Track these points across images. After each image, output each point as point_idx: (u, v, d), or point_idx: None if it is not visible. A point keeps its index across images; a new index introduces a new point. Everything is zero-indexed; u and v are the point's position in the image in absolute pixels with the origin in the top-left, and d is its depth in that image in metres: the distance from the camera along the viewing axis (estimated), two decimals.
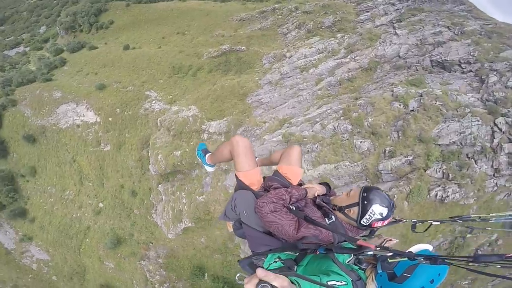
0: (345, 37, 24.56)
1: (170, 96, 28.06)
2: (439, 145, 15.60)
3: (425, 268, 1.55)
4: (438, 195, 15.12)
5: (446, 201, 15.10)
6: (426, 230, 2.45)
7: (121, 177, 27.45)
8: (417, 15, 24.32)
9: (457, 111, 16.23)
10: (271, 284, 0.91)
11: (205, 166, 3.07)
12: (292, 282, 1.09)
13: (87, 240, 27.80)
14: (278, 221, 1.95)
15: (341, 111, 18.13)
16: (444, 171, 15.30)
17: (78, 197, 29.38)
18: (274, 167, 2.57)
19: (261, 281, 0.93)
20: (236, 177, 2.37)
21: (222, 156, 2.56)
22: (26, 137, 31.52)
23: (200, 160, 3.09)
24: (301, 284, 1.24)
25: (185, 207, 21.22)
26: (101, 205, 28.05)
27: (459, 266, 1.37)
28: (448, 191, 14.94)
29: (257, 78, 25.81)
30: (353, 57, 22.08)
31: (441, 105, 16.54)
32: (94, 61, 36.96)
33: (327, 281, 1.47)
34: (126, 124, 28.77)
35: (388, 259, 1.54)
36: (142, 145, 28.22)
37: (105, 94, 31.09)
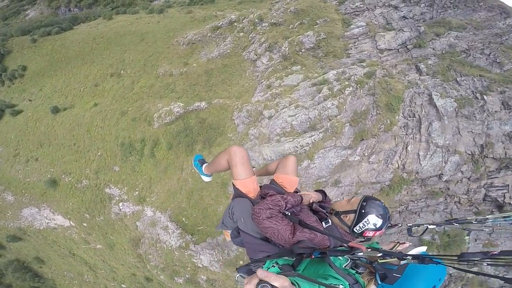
0: (341, 79, 14.80)
1: (136, 192, 19.28)
2: None
3: (418, 269, 1.36)
4: None
5: None
6: (422, 234, 2.29)
7: (128, 268, 22.61)
8: (444, 36, 12.85)
9: None
10: (271, 284, 0.79)
11: (202, 176, 2.75)
12: (292, 283, 0.95)
13: None
14: (274, 227, 1.74)
15: None
16: None
17: (98, 280, 25.04)
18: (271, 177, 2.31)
19: (261, 281, 0.80)
20: (233, 185, 2.16)
21: (220, 165, 2.28)
22: (11, 238, 25.60)
23: (197, 170, 2.78)
24: (301, 285, 1.11)
25: None
26: (124, 286, 24.14)
27: (446, 265, 1.24)
28: None
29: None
30: (364, 153, 12.18)
31: None
32: (27, 139, 26.78)
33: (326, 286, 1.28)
34: (105, 229, 20.76)
35: (379, 260, 1.43)
36: (134, 246, 20.42)
37: (61, 194, 23.09)
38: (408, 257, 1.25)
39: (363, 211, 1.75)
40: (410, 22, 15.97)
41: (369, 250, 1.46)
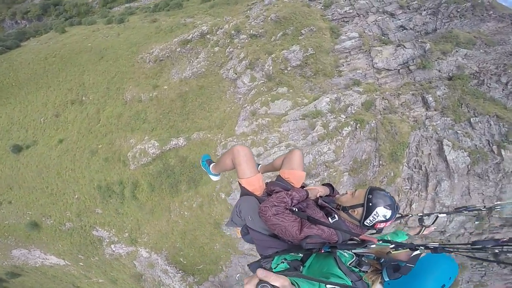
0: (335, 111, 12.39)
1: (126, 234, 17.62)
2: None
3: (427, 266, 1.29)
4: None
5: None
6: (433, 222, 2.18)
7: None
8: (451, 54, 10.22)
9: None
10: (271, 284, 0.74)
11: (211, 176, 2.63)
12: (292, 283, 0.87)
13: None
14: (282, 223, 1.64)
15: None
16: None
17: None
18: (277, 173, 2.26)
19: (261, 281, 0.75)
20: (240, 184, 2.06)
21: (225, 165, 2.18)
22: (10, 275, 23.37)
23: (205, 170, 2.65)
24: (300, 285, 1.06)
25: None
26: None
27: (459, 254, 1.17)
28: None
29: (222, 193, 15.21)
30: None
31: None
32: None
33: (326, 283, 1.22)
34: (104, 268, 19.28)
35: (391, 251, 1.33)
36: (137, 280, 19.37)
37: (47, 236, 20.35)
38: (421, 247, 1.17)
39: (370, 204, 1.62)
40: (410, 33, 12.81)
41: (380, 242, 1.32)
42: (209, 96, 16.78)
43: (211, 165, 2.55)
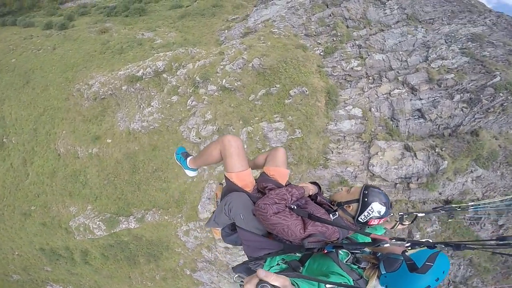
0: None
1: None
2: None
3: (443, 257, 1.26)
4: None
5: None
6: (412, 221, 2.22)
7: None
8: (462, 174, 7.55)
9: None
10: (271, 284, 0.70)
11: (186, 171, 2.25)
12: (292, 283, 0.84)
13: None
14: (283, 222, 1.49)
15: None
16: None
17: None
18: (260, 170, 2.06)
19: (261, 281, 0.71)
20: (228, 179, 1.81)
21: (211, 157, 1.91)
22: None
23: (180, 164, 2.26)
24: (300, 285, 1.03)
25: None
26: None
27: (485, 251, 1.08)
28: None
29: (187, 269, 12.67)
30: None
31: None
32: None
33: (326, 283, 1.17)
34: None
35: (407, 249, 1.24)
36: None
37: None
38: (441, 244, 1.07)
39: (366, 199, 1.61)
40: (427, 127, 8.68)
41: (393, 241, 1.18)
42: (165, 160, 12.50)
43: (189, 159, 2.19)
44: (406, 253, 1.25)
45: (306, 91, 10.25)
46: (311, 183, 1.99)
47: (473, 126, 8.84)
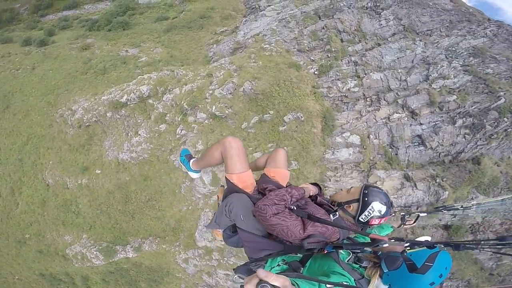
0: None
1: None
2: None
3: (444, 256, 1.24)
4: None
5: None
6: (415, 222, 2.18)
7: None
8: (463, 201, 7.36)
9: None
10: (271, 284, 0.70)
11: (190, 173, 2.29)
12: (292, 283, 0.84)
13: None
14: (283, 223, 1.47)
15: None
16: None
17: None
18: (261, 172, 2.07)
19: (261, 281, 0.71)
20: (228, 180, 1.82)
21: (213, 159, 1.94)
22: None
23: (183, 166, 2.30)
24: (300, 285, 1.00)
25: None
26: None
27: (485, 251, 1.07)
28: None
29: None
30: None
31: None
32: None
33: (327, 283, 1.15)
34: None
35: (406, 250, 1.20)
36: None
37: None
38: (440, 244, 1.05)
39: (366, 199, 1.59)
40: (427, 155, 8.24)
41: (392, 241, 1.16)
42: (158, 189, 12.03)
43: (192, 161, 2.24)
44: (405, 253, 1.25)
45: (301, 116, 9.71)
46: (312, 184, 1.98)
47: (475, 153, 8.49)
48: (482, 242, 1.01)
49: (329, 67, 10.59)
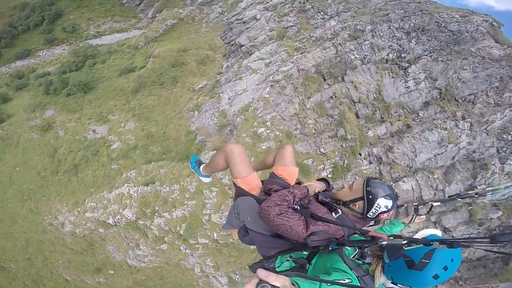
0: None
1: None
2: None
3: (441, 253, 1.23)
4: None
5: None
6: (428, 212, 2.12)
7: None
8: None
9: None
10: (271, 284, 0.70)
11: (201, 178, 2.45)
12: (292, 283, 0.85)
13: None
14: (286, 223, 1.52)
15: None
16: None
17: None
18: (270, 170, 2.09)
19: (261, 281, 0.70)
20: (235, 184, 1.91)
21: (218, 165, 2.06)
22: None
23: (195, 172, 2.48)
24: (300, 285, 0.97)
25: None
26: None
27: (477, 248, 1.15)
28: None
29: None
30: None
31: None
32: None
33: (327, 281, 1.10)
34: None
35: (404, 247, 1.22)
36: None
37: None
38: (436, 242, 1.08)
39: (370, 196, 1.57)
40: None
41: (391, 238, 1.26)
42: (176, 284, 11.93)
43: (202, 166, 2.33)
44: (403, 250, 1.25)
45: None
46: (319, 179, 1.98)
47: None
48: (476, 240, 0.99)
49: (346, 169, 8.18)
